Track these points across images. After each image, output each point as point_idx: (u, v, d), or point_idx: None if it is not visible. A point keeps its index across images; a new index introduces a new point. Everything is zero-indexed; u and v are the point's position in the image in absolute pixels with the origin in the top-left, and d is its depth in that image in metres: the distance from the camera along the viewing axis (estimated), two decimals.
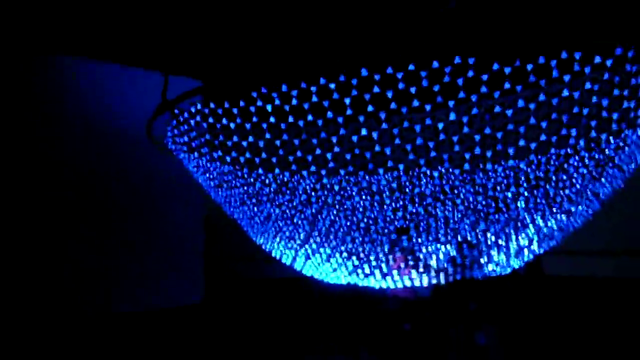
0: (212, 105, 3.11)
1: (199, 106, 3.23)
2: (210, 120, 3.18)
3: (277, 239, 3.74)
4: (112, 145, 6.54)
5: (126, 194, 6.59)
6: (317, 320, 6.84)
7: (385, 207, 3.17)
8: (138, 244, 6.55)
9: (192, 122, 3.32)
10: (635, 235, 6.01)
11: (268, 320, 7.04)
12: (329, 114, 2.75)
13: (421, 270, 3.40)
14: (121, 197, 6.54)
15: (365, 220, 3.23)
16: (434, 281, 3.68)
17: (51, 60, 6.15)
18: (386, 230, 3.28)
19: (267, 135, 3.04)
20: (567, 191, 3.13)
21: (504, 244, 3.53)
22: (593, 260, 6.39)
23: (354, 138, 2.86)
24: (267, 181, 3.42)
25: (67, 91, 6.28)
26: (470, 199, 3.22)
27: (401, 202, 3.15)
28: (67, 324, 5.79)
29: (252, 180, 3.39)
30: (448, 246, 3.41)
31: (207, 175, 3.79)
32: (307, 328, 6.65)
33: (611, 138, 2.87)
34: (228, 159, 3.28)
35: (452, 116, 2.65)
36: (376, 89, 2.59)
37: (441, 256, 3.46)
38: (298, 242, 3.50)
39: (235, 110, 3.02)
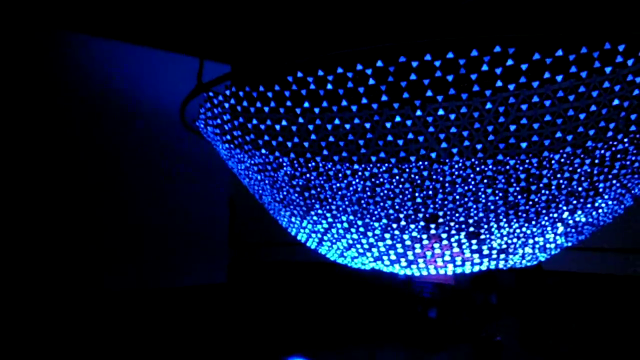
0: (246, 88, 3.14)
1: (233, 89, 3.26)
2: (245, 103, 3.21)
3: (305, 223, 3.77)
4: (141, 127, 6.66)
5: (153, 175, 6.72)
6: (339, 302, 6.92)
7: (415, 194, 3.18)
8: (163, 223, 6.69)
9: (225, 105, 3.35)
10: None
11: (288, 301, 7.15)
12: (364, 100, 2.75)
13: (447, 258, 3.41)
14: (148, 178, 6.67)
15: (395, 207, 3.24)
16: (459, 270, 3.67)
17: (82, 40, 6.25)
18: (414, 217, 3.29)
19: (300, 120, 3.06)
20: (600, 185, 3.09)
21: (531, 235, 3.50)
22: (596, 257, 6.37)
23: (388, 125, 2.87)
24: (296, 165, 3.44)
25: (99, 72, 6.39)
26: (497, 191, 3.21)
27: (431, 191, 3.15)
28: (97, 298, 5.98)
29: (283, 164, 3.42)
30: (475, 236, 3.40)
31: (238, 158, 3.82)
32: (329, 310, 6.74)
33: None
34: (260, 142, 3.31)
35: (489, 105, 2.63)
36: (413, 76, 2.58)
37: (468, 245, 3.45)
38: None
39: (269, 94, 3.04)
